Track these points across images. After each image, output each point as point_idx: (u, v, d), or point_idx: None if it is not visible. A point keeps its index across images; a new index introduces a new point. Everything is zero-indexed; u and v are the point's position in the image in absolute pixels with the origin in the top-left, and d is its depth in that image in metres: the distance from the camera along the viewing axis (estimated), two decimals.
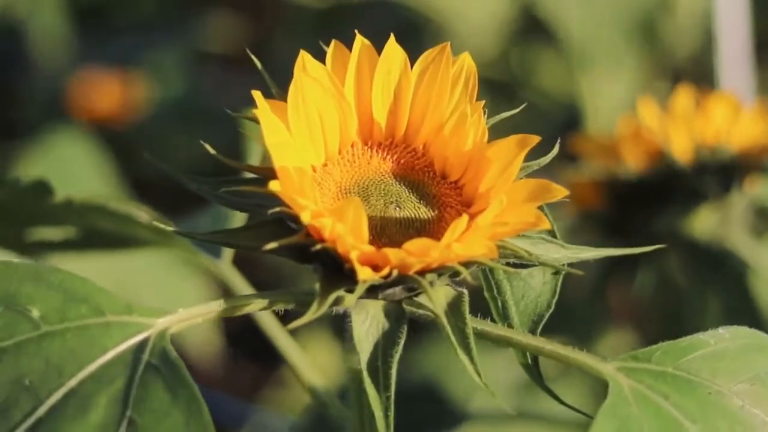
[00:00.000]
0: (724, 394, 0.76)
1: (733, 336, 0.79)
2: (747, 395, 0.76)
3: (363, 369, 0.73)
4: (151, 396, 0.71)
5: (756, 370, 0.77)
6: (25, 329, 0.73)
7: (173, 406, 0.71)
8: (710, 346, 0.78)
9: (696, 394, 0.75)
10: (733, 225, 1.43)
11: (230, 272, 1.04)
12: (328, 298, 0.73)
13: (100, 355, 0.73)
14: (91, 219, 1.03)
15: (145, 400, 0.71)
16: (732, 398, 0.76)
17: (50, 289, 0.74)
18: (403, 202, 0.79)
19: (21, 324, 0.73)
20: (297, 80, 0.78)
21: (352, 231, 0.72)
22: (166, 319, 0.75)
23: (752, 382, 0.77)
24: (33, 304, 0.74)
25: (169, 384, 0.71)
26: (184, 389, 0.71)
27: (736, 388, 0.76)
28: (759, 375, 0.77)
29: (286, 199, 0.73)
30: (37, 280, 0.75)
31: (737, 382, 0.76)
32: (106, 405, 0.71)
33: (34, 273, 0.75)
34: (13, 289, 0.74)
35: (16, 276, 0.75)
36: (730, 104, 1.43)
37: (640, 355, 0.77)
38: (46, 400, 0.71)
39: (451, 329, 0.75)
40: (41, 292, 0.74)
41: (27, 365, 0.72)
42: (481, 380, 0.73)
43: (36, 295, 0.74)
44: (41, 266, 0.76)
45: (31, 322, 0.73)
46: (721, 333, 0.79)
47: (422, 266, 0.74)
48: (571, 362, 0.78)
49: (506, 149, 0.77)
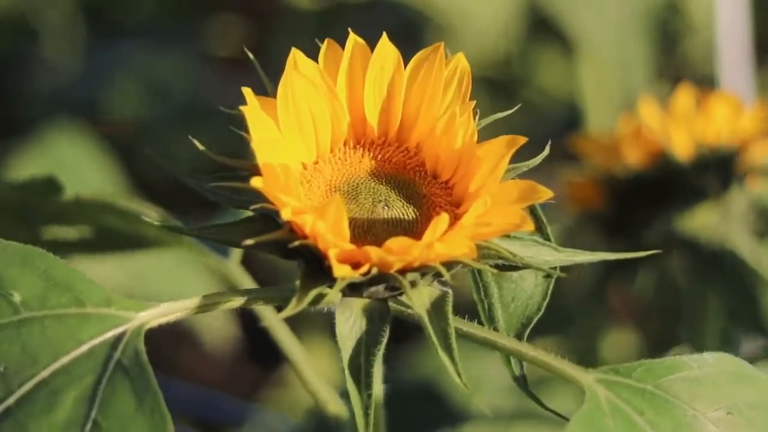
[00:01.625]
0: (700, 419, 0.76)
1: (717, 362, 0.79)
2: (723, 423, 0.76)
3: (345, 367, 0.73)
4: (118, 399, 0.71)
5: (735, 399, 0.77)
6: (5, 313, 0.73)
7: (138, 413, 0.70)
8: (693, 369, 0.78)
9: (671, 414, 0.75)
10: (734, 225, 1.43)
11: (238, 272, 1.03)
12: (308, 294, 0.73)
13: (75, 347, 0.72)
14: (99, 217, 1.03)
15: (112, 402, 0.71)
16: (707, 424, 0.76)
17: (35, 275, 0.74)
18: (392, 201, 0.79)
19: (2, 307, 0.73)
20: (287, 77, 0.78)
21: (333, 229, 0.72)
22: (145, 313, 0.74)
23: (730, 411, 0.77)
24: (16, 288, 0.74)
25: (135, 388, 0.71)
26: (149, 396, 0.71)
27: (712, 415, 0.76)
28: (737, 404, 0.77)
29: (268, 195, 0.73)
30: (23, 264, 0.74)
31: (715, 408, 0.76)
32: (73, 402, 0.71)
33: (21, 256, 0.75)
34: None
35: (3, 258, 0.74)
36: (731, 104, 1.42)
37: (622, 369, 0.77)
38: (17, 390, 0.71)
39: (433, 329, 0.75)
40: (26, 276, 0.74)
41: (5, 350, 0.72)
42: (461, 380, 0.73)
43: (20, 279, 0.74)
44: (29, 249, 0.75)
45: (12, 306, 0.73)
46: (705, 357, 0.79)
47: (403, 265, 0.74)
48: (551, 369, 0.78)
49: (495, 149, 0.77)
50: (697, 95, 1.43)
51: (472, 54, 0.83)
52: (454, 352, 0.74)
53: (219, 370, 2.31)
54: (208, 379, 2.27)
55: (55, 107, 2.33)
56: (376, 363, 0.73)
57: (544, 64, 2.41)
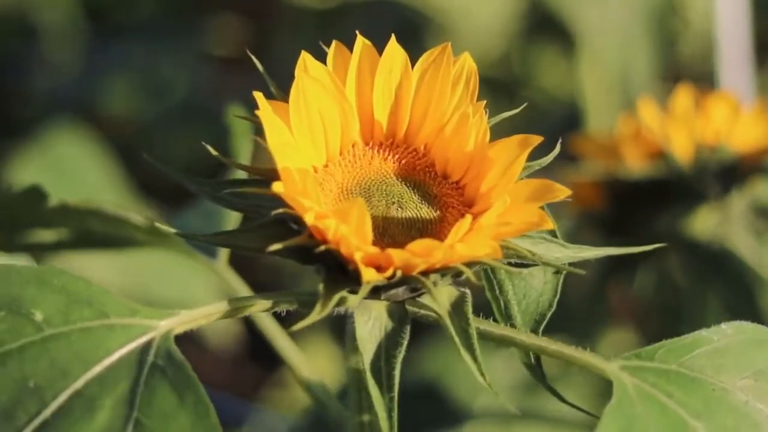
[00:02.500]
0: (729, 390, 0.76)
1: (736, 331, 0.79)
2: (751, 390, 0.76)
3: (366, 370, 0.73)
4: (158, 397, 0.71)
5: (759, 365, 0.77)
6: (28, 332, 0.73)
7: (180, 408, 0.71)
8: (713, 342, 0.78)
9: (700, 391, 0.75)
10: (734, 225, 1.43)
11: (227, 273, 1.04)
12: (332, 300, 0.73)
13: (105, 356, 0.73)
14: (86, 222, 1.03)
15: (152, 401, 0.71)
16: (736, 394, 0.76)
17: (53, 292, 0.74)
18: (405, 202, 0.79)
19: (24, 327, 0.73)
20: (298, 81, 0.78)
21: (356, 232, 0.72)
22: (169, 321, 0.75)
23: (756, 378, 0.77)
24: (36, 306, 0.74)
25: (175, 385, 0.71)
26: (190, 391, 0.71)
27: (740, 384, 0.76)
28: (762, 370, 0.77)
29: (289, 200, 0.73)
30: (39, 283, 0.75)
31: (741, 377, 0.76)
32: (112, 406, 0.71)
33: (36, 276, 0.75)
34: (16, 292, 0.74)
35: (19, 279, 0.75)
36: (731, 104, 1.43)
37: (644, 353, 0.77)
38: (51, 402, 0.71)
39: (455, 330, 0.75)
40: (44, 294, 0.74)
41: (31, 368, 0.72)
42: (485, 380, 0.73)
43: (39, 298, 0.74)
44: (44, 269, 0.76)
45: (34, 325, 0.73)
46: (723, 329, 0.79)
47: (426, 267, 0.74)
48: (574, 361, 0.78)
49: (508, 149, 0.77)
50: (696, 95, 1.43)
51: (473, 53, 0.83)
52: (477, 351, 0.74)
53: (219, 370, 2.31)
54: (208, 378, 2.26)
55: (55, 107, 2.32)
56: (397, 366, 0.73)
57: (544, 64, 2.41)
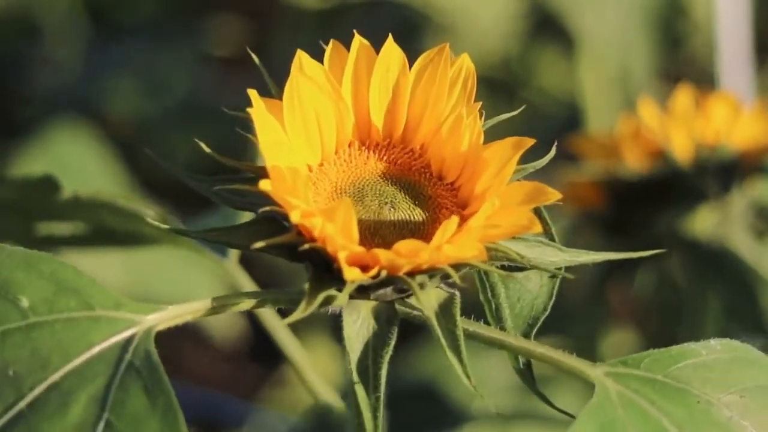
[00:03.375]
0: (713, 404, 0.76)
1: (725, 348, 0.79)
2: (736, 407, 0.76)
3: (353, 369, 0.73)
4: (130, 399, 0.71)
5: (746, 383, 0.77)
6: (13, 318, 0.73)
7: (151, 413, 0.70)
8: (701, 356, 0.78)
9: (684, 403, 0.75)
10: (734, 225, 1.43)
11: (236, 271, 1.03)
12: (317, 298, 0.73)
13: (86, 349, 0.72)
14: (98, 215, 1.03)
15: (124, 403, 0.71)
16: (721, 409, 0.75)
17: (41, 279, 0.74)
18: (398, 203, 0.79)
19: (9, 312, 0.73)
20: (293, 79, 0.77)
21: (342, 231, 0.72)
22: (154, 316, 0.74)
23: (742, 394, 0.76)
24: (23, 292, 0.73)
25: (148, 388, 0.71)
26: (162, 396, 0.71)
27: (725, 399, 0.76)
28: (749, 388, 0.77)
29: (277, 198, 0.73)
30: (28, 268, 0.74)
31: (727, 393, 0.76)
32: (85, 403, 0.71)
33: (26, 260, 0.74)
34: (4, 275, 0.74)
35: (8, 262, 0.74)
36: (730, 104, 1.43)
37: (630, 360, 0.77)
38: (28, 393, 0.71)
39: (441, 331, 0.75)
40: (32, 280, 0.74)
41: (13, 355, 0.72)
42: (471, 382, 0.73)
43: (27, 284, 0.74)
44: (34, 254, 0.75)
45: (19, 311, 0.73)
46: (712, 344, 0.79)
47: (412, 267, 0.74)
48: (560, 366, 0.78)
49: (502, 151, 0.77)
50: (696, 95, 1.43)
51: (473, 53, 0.83)
52: (463, 354, 0.74)
53: (219, 370, 2.31)
54: (209, 378, 2.27)
55: (57, 106, 2.33)
56: (384, 365, 0.73)
57: (544, 64, 2.41)
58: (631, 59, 2.03)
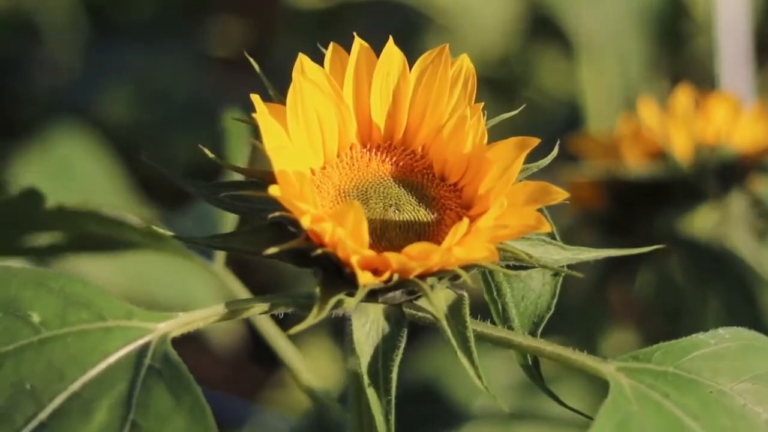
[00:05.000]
0: (726, 392, 0.76)
1: (734, 337, 0.79)
2: (749, 394, 0.76)
3: (363, 372, 0.73)
4: (154, 399, 0.71)
5: (757, 370, 0.78)
6: (25, 334, 0.73)
7: (176, 410, 0.71)
8: (711, 346, 0.78)
9: (697, 393, 0.76)
10: (734, 225, 1.43)
11: (224, 274, 1.04)
12: (329, 303, 0.73)
13: (102, 359, 0.73)
14: (83, 224, 1.03)
15: (149, 403, 0.71)
16: (734, 397, 0.76)
17: (50, 294, 0.75)
18: (402, 204, 0.79)
19: (21, 329, 0.74)
20: (295, 84, 0.77)
21: (353, 235, 0.72)
22: (166, 323, 0.75)
23: (754, 381, 0.77)
24: (33, 309, 0.74)
25: (171, 387, 0.72)
26: (187, 393, 0.71)
27: (737, 387, 0.76)
28: (760, 375, 0.77)
29: (285, 203, 0.73)
30: (37, 285, 0.75)
31: (739, 381, 0.77)
32: (109, 408, 0.71)
33: (34, 278, 0.75)
34: (13, 294, 0.74)
35: (16, 281, 0.75)
36: (731, 104, 1.43)
37: (641, 355, 0.77)
38: (48, 404, 0.72)
39: (452, 332, 0.75)
40: (41, 297, 0.75)
41: (28, 370, 0.72)
42: (482, 383, 0.73)
43: (36, 300, 0.74)
44: (42, 271, 0.76)
45: (31, 327, 0.74)
46: (721, 333, 0.79)
47: (423, 270, 0.74)
48: (571, 363, 0.78)
49: (506, 151, 0.77)
50: (696, 95, 1.43)
51: (473, 54, 0.83)
52: (474, 354, 0.74)
53: (220, 371, 2.31)
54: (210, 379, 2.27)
55: (56, 108, 2.33)
56: (395, 368, 0.73)
57: (544, 64, 2.41)
58: (630, 59, 2.03)
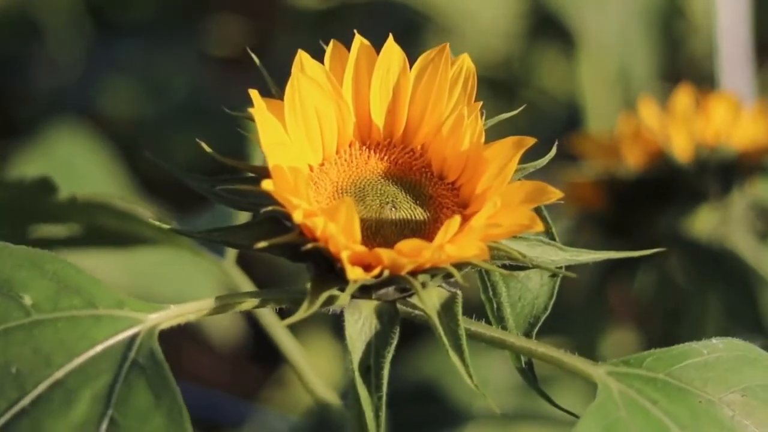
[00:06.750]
0: (715, 403, 0.76)
1: (727, 347, 0.79)
2: (738, 406, 0.76)
3: (354, 368, 0.74)
4: (135, 396, 0.71)
5: (748, 382, 0.77)
6: (16, 315, 0.73)
7: (155, 410, 0.70)
8: (703, 355, 0.78)
9: (686, 402, 0.75)
10: (734, 225, 1.43)
11: (234, 271, 1.04)
12: (320, 297, 0.73)
13: (89, 347, 0.72)
14: (95, 217, 1.03)
15: (129, 400, 0.71)
16: (722, 408, 0.76)
17: (44, 277, 0.74)
18: (399, 202, 0.79)
19: (12, 310, 0.73)
20: (294, 79, 0.78)
21: (344, 231, 0.72)
22: (157, 315, 0.75)
23: (743, 393, 0.77)
24: (26, 290, 0.74)
25: (152, 385, 0.71)
26: (166, 393, 0.71)
27: (727, 398, 0.76)
28: (750, 387, 0.77)
29: (279, 198, 0.73)
30: (32, 267, 0.74)
31: (728, 392, 0.77)
32: (89, 401, 0.71)
33: (29, 259, 0.75)
34: (7, 273, 0.74)
35: (11, 260, 0.74)
36: (731, 104, 1.43)
37: (632, 360, 0.77)
38: (32, 390, 0.71)
39: (443, 330, 0.75)
40: (35, 279, 0.74)
41: (16, 352, 0.72)
42: (473, 382, 0.73)
43: (30, 282, 0.74)
44: (37, 252, 0.75)
45: (22, 308, 0.73)
46: (714, 343, 0.79)
47: (414, 267, 0.74)
48: (562, 365, 0.78)
49: (503, 150, 0.77)
50: (696, 95, 1.43)
51: (473, 54, 0.83)
52: (465, 353, 0.74)
53: (220, 370, 2.31)
54: (209, 378, 2.27)
55: (57, 107, 2.33)
56: (386, 365, 0.74)
57: (544, 64, 2.41)
58: (631, 59, 2.03)
